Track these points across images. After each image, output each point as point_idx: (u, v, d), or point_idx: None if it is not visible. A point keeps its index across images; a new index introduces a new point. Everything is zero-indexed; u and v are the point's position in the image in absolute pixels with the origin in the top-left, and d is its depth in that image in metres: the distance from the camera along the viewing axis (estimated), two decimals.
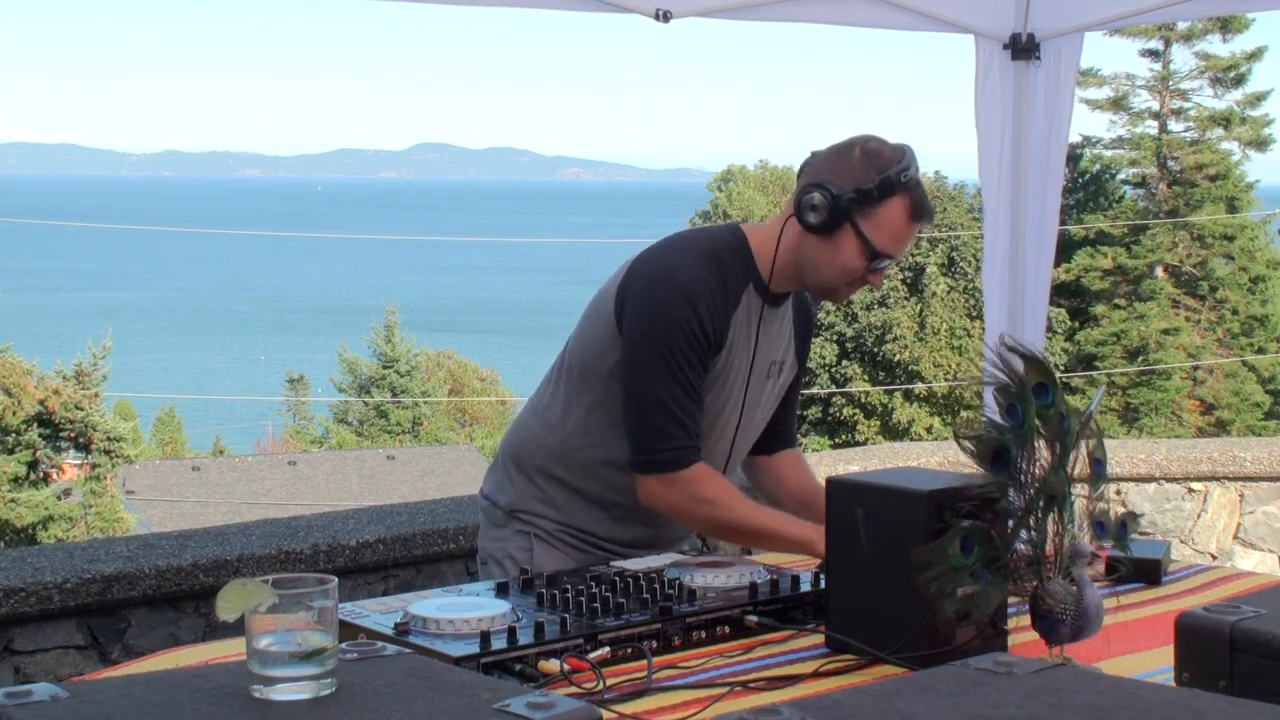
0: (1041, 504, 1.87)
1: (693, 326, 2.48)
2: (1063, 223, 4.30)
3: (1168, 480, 5.40)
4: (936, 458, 5.17)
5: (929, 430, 26.97)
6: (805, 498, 2.80)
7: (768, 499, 2.86)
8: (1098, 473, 1.94)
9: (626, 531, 2.68)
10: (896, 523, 1.92)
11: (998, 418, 1.89)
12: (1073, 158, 28.48)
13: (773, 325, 2.65)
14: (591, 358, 2.61)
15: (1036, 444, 1.87)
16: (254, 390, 47.51)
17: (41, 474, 19.63)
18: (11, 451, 19.05)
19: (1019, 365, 1.88)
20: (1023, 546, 1.91)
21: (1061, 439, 1.88)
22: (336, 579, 1.45)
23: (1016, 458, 1.86)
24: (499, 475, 2.77)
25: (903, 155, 2.49)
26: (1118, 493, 5.23)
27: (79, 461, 20.68)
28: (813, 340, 2.91)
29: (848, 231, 2.48)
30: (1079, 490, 1.92)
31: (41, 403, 19.11)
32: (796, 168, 2.64)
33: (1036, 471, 1.86)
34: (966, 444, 1.88)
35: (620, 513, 2.65)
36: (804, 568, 2.40)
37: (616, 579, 2.22)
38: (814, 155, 2.58)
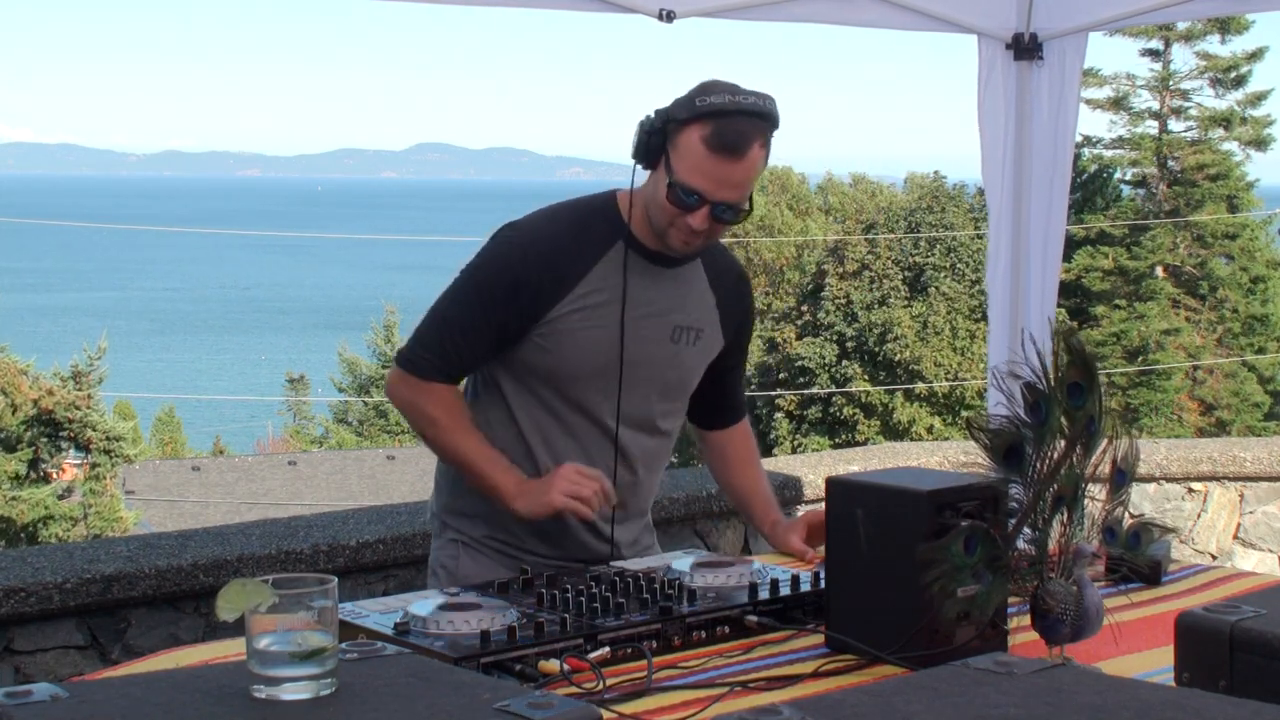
0: (1049, 504, 1.87)
1: (512, 268, 2.49)
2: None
3: (1168, 480, 5.40)
4: (936, 457, 5.17)
5: (929, 430, 26.95)
6: (744, 497, 2.83)
7: (717, 480, 2.90)
8: (1119, 481, 1.93)
9: (541, 540, 2.62)
10: (896, 523, 1.92)
11: (1021, 412, 1.88)
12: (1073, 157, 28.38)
13: (665, 284, 2.58)
14: (490, 363, 2.61)
15: (1056, 444, 1.86)
16: (254, 390, 47.51)
17: (42, 473, 19.62)
18: (12, 449, 19.04)
19: (1061, 361, 1.87)
20: (1025, 546, 1.91)
21: (1085, 441, 1.87)
22: (336, 579, 1.45)
23: (1030, 456, 1.86)
24: (436, 483, 2.78)
25: (724, 90, 2.39)
26: None
27: (79, 461, 20.67)
28: (752, 325, 2.84)
29: (661, 164, 2.44)
30: (1096, 494, 1.91)
31: (35, 403, 19.09)
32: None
33: (1048, 471, 1.86)
34: (981, 436, 1.88)
35: (537, 523, 2.57)
36: (804, 568, 2.41)
37: (616, 579, 2.22)
38: None
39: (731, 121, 2.38)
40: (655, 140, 2.43)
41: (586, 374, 2.54)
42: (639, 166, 2.49)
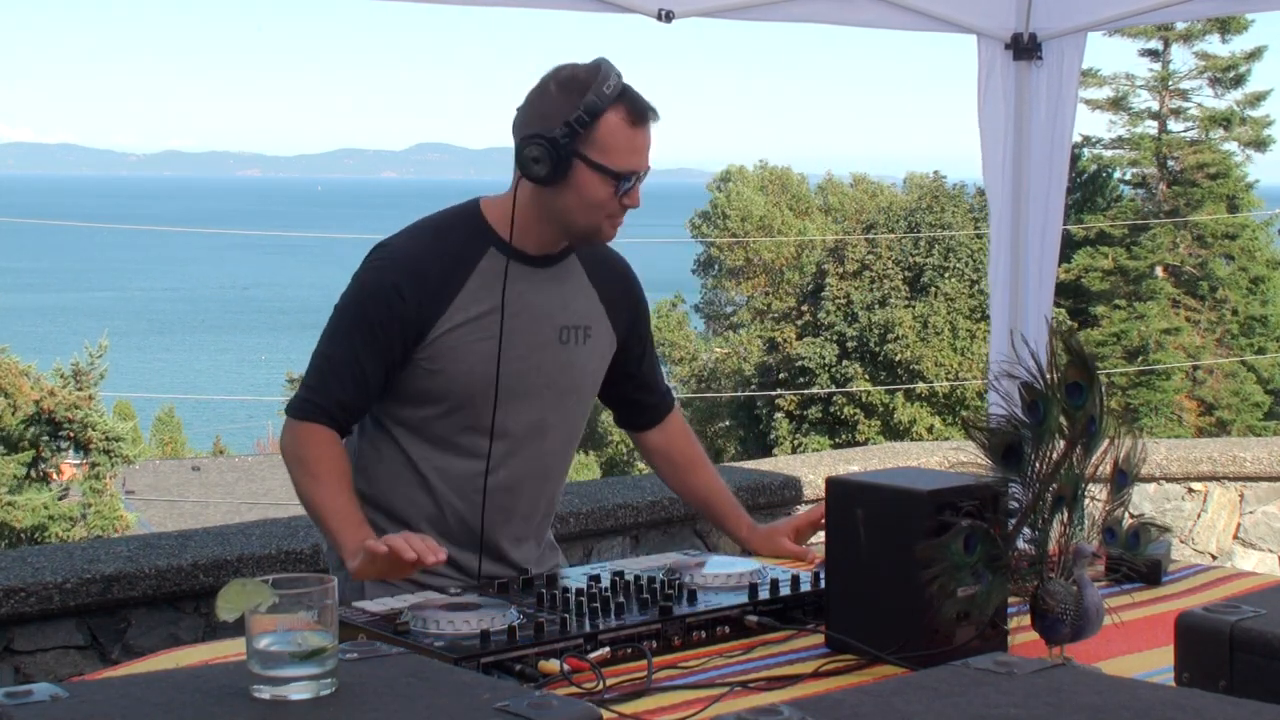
0: (1049, 504, 1.87)
1: (384, 290, 2.42)
2: (1063, 222, 4.28)
3: (1168, 480, 5.40)
4: (936, 458, 5.17)
5: (930, 430, 26.95)
6: (705, 500, 2.78)
7: (671, 486, 2.84)
8: (1121, 481, 1.93)
9: (449, 564, 2.47)
10: (896, 523, 1.92)
11: (1019, 412, 1.87)
12: (1072, 157, 28.32)
13: (545, 285, 2.51)
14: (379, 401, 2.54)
15: (1055, 444, 1.86)
16: (254, 390, 47.51)
17: (41, 474, 19.61)
18: (14, 450, 19.03)
19: (1060, 361, 1.86)
20: (1025, 546, 1.91)
21: (1085, 441, 1.86)
22: (336, 579, 1.45)
23: (1029, 456, 1.86)
24: None
25: (597, 71, 2.38)
26: None
27: (78, 462, 20.66)
28: (647, 312, 2.75)
29: (581, 168, 2.37)
30: (1097, 494, 1.91)
31: (37, 403, 19.09)
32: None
33: (1047, 471, 1.86)
34: (978, 435, 1.88)
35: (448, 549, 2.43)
36: (804, 568, 2.41)
37: (616, 579, 2.22)
38: (518, 111, 2.46)
39: (630, 93, 2.40)
40: (565, 153, 2.36)
41: (480, 388, 2.46)
42: (543, 185, 2.41)
